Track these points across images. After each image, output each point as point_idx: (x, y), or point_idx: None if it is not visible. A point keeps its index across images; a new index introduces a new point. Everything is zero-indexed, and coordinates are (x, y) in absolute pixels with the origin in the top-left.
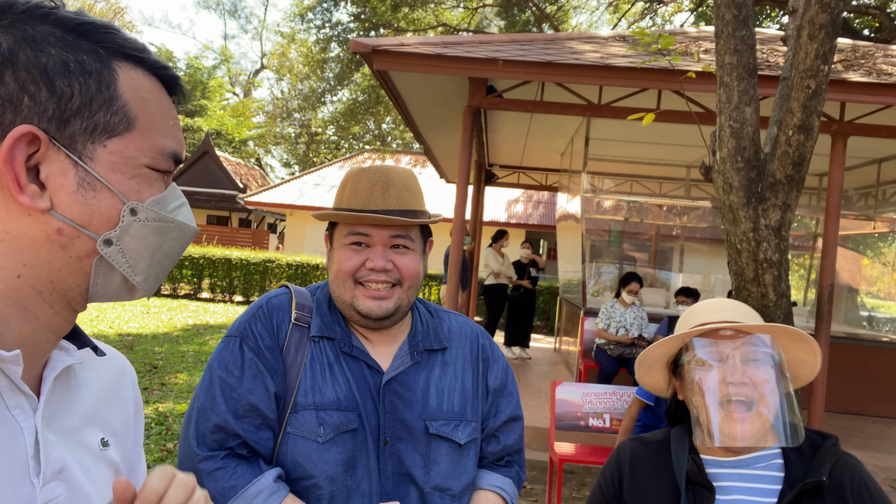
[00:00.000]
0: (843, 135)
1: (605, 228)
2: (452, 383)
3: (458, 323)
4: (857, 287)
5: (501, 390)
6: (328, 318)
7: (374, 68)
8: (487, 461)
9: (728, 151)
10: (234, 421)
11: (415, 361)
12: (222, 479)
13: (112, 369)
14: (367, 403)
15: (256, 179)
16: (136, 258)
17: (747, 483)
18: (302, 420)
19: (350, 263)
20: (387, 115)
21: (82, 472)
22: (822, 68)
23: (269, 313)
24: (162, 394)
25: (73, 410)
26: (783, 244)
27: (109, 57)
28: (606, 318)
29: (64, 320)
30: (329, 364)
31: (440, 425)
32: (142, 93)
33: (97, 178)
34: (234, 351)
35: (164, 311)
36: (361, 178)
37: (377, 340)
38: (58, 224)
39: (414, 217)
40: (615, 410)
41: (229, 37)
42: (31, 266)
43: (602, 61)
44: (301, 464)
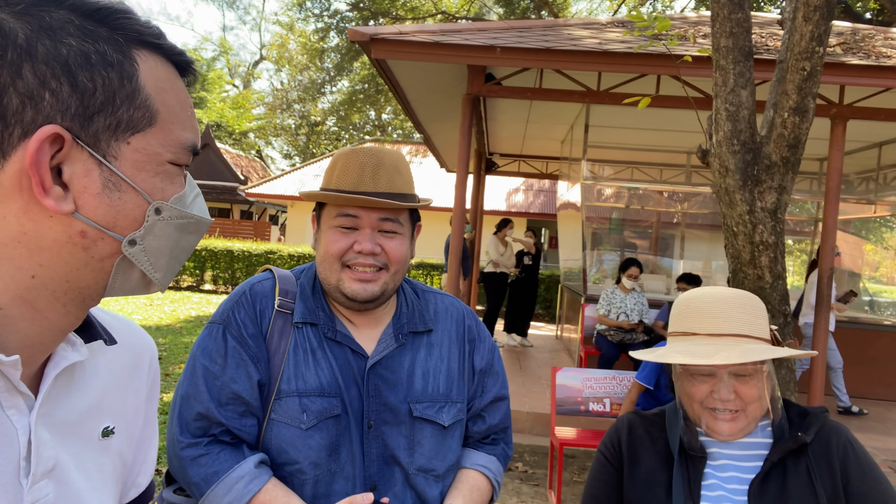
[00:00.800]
0: (843, 118)
1: (606, 216)
2: (438, 365)
3: (444, 304)
4: (859, 271)
5: (487, 370)
6: (311, 303)
7: (373, 57)
8: (473, 440)
9: (724, 134)
10: (217, 409)
11: (399, 344)
12: (205, 465)
13: (129, 353)
14: (351, 388)
15: (257, 171)
16: (157, 256)
17: (737, 450)
18: (285, 407)
19: (337, 246)
20: (387, 104)
21: (77, 466)
22: (817, 50)
23: (253, 300)
24: (166, 384)
25: (72, 405)
26: (779, 226)
27: (129, 45)
28: (607, 304)
29: (75, 318)
30: (312, 350)
31: (424, 408)
32: (161, 83)
33: (122, 178)
34: (217, 339)
35: (168, 303)
36: (351, 158)
37: (361, 324)
38: (81, 226)
39: (403, 200)
40: (615, 395)
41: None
42: (48, 266)
43: (600, 47)
44: (285, 450)
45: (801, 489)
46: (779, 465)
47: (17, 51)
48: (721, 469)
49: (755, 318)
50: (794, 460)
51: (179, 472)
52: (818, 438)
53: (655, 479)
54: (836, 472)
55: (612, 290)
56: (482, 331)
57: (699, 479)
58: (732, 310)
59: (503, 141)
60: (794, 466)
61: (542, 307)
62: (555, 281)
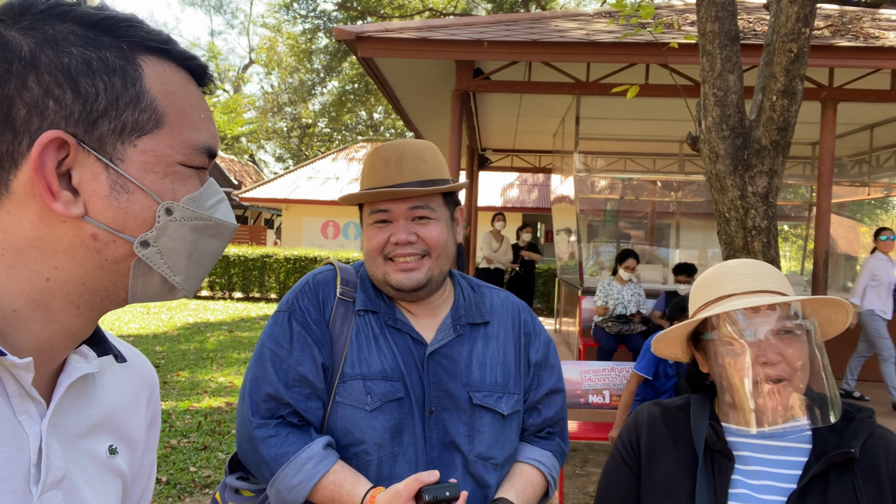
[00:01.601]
0: (833, 101)
1: (600, 208)
2: (495, 357)
3: (499, 298)
4: (856, 254)
5: (543, 363)
6: (372, 293)
7: (359, 56)
8: (528, 433)
9: (713, 120)
10: (285, 390)
11: (458, 334)
12: (275, 445)
13: (136, 376)
14: (413, 374)
15: (251, 175)
16: (175, 258)
17: (771, 455)
18: (350, 389)
19: (376, 241)
20: (378, 104)
21: (84, 481)
22: (803, 31)
23: (315, 289)
24: (164, 392)
25: (82, 417)
26: (771, 210)
27: (134, 52)
28: (604, 295)
29: (88, 321)
30: (374, 336)
31: (483, 396)
32: (169, 86)
33: (129, 180)
34: (283, 325)
35: (164, 310)
36: (375, 156)
37: (420, 314)
38: (92, 229)
39: (432, 185)
40: (614, 386)
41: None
42: (63, 269)
43: (588, 38)
44: (350, 431)
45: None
46: (820, 479)
47: (22, 63)
48: (753, 476)
49: (785, 281)
50: (838, 474)
51: (251, 451)
52: (865, 449)
53: (676, 485)
54: (885, 490)
55: (609, 282)
56: (537, 325)
57: (726, 487)
58: (766, 270)
59: (495, 136)
60: (838, 481)
61: (541, 301)
62: (552, 274)
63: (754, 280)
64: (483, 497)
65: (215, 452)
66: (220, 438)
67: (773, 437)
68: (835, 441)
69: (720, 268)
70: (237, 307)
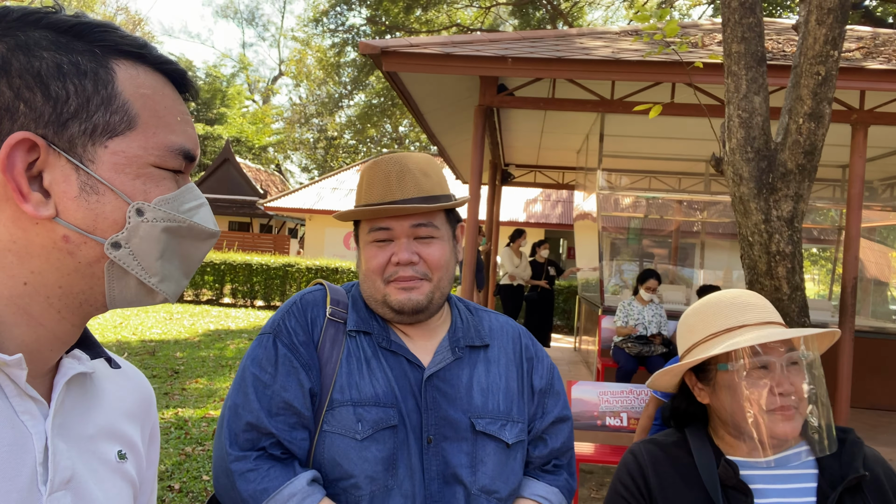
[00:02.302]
0: (864, 124)
1: (623, 226)
2: (497, 382)
3: (498, 322)
4: (887, 280)
5: (548, 390)
6: (364, 313)
7: (384, 70)
8: (534, 466)
9: (737, 142)
10: (268, 419)
11: (457, 357)
12: (254, 480)
13: (134, 387)
14: (408, 400)
15: (276, 185)
16: (148, 260)
17: (783, 484)
18: (339, 417)
19: (376, 261)
20: (403, 117)
21: (95, 483)
22: (831, 54)
23: (304, 309)
24: (182, 398)
25: (88, 419)
26: (796, 235)
27: (106, 56)
28: (624, 315)
29: (71, 325)
30: (366, 359)
31: (486, 423)
32: (143, 89)
33: (99, 181)
34: (268, 347)
35: (187, 316)
36: (376, 169)
37: (416, 336)
38: (64, 231)
39: (435, 202)
40: (632, 409)
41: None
42: (39, 272)
43: (612, 56)
44: (339, 463)
45: None
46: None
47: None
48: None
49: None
50: (850, 496)
51: (227, 487)
52: (867, 468)
53: None
54: None
55: (630, 302)
56: (539, 350)
57: None
58: (766, 303)
59: (518, 151)
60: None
61: (561, 318)
62: (573, 292)
63: (758, 312)
64: None
65: None
66: None
67: (781, 467)
68: (836, 463)
69: (721, 297)
70: (258, 315)
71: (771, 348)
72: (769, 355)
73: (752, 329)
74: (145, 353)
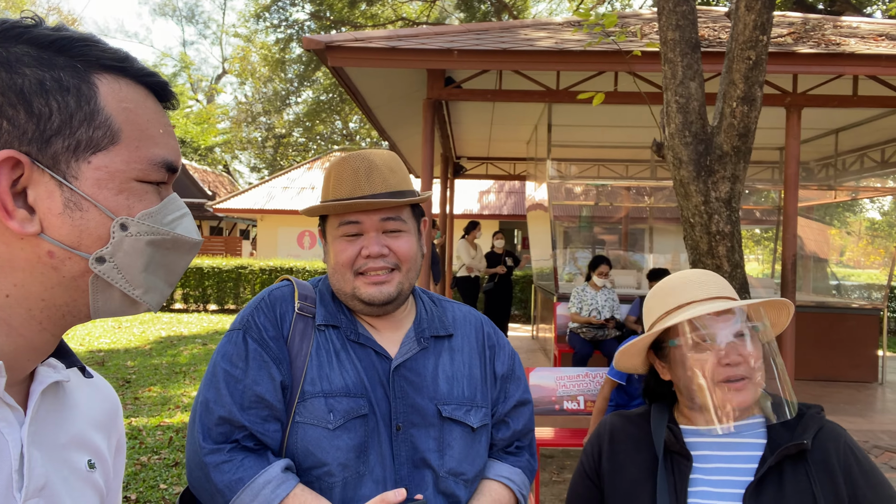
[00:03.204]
0: (797, 107)
1: (575, 214)
2: (461, 370)
3: (461, 312)
4: (826, 257)
5: (509, 376)
6: (332, 307)
7: (329, 65)
8: (497, 448)
9: (676, 127)
10: (240, 412)
11: (422, 347)
12: (229, 471)
13: (103, 398)
14: (377, 389)
15: (225, 186)
16: (133, 273)
17: (727, 451)
18: (311, 408)
19: (346, 255)
20: (353, 113)
21: (66, 491)
22: (761, 39)
23: (272, 304)
24: (135, 408)
25: (61, 429)
26: (734, 215)
27: (88, 70)
28: (578, 301)
29: (51, 335)
30: (336, 352)
31: (452, 409)
32: (125, 103)
33: (83, 197)
34: (238, 343)
35: (136, 324)
36: (344, 166)
37: (383, 328)
38: (48, 246)
39: (402, 197)
40: (588, 392)
41: (188, 43)
42: (22, 286)
43: (556, 47)
44: (312, 452)
45: (800, 497)
46: (775, 470)
47: None
48: (711, 472)
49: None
50: (792, 466)
51: (202, 479)
52: (817, 442)
53: (639, 487)
54: (838, 481)
55: (583, 288)
56: (501, 337)
57: (685, 485)
58: (715, 279)
59: (469, 144)
60: (793, 472)
61: (518, 307)
62: (529, 281)
63: (707, 287)
64: None
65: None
66: None
67: (730, 435)
68: (788, 436)
69: (674, 278)
70: (212, 319)
71: (716, 321)
72: (712, 328)
73: (699, 304)
74: (94, 364)
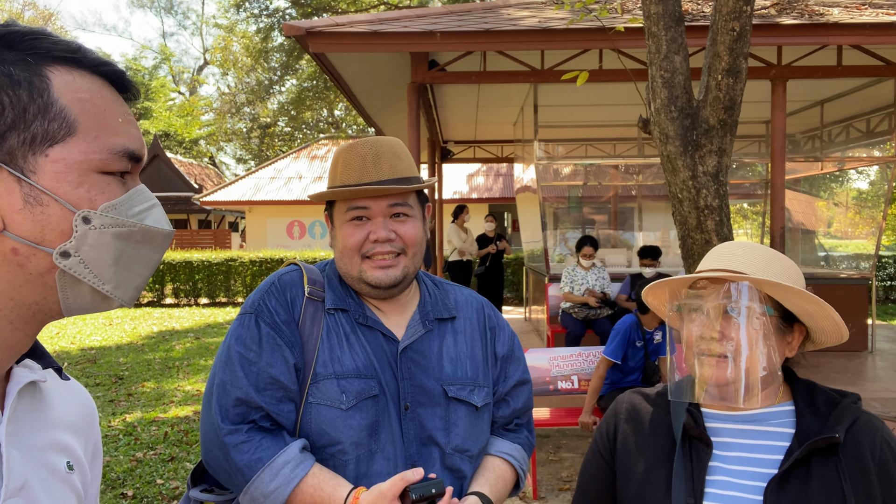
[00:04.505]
0: (782, 79)
1: (563, 195)
2: (464, 351)
3: (462, 294)
4: (814, 228)
5: (509, 356)
6: (340, 291)
7: (311, 51)
8: (497, 426)
9: (661, 102)
10: (256, 394)
11: (427, 330)
12: (248, 451)
13: (79, 401)
14: (386, 371)
15: (212, 178)
16: (100, 267)
17: (751, 440)
18: (323, 389)
19: (354, 239)
20: (338, 100)
21: (45, 493)
22: (744, 9)
23: (283, 289)
24: (129, 404)
25: (38, 430)
26: (722, 189)
27: (40, 63)
28: (569, 281)
29: (24, 335)
30: (346, 335)
31: (457, 389)
32: (80, 94)
33: (42, 191)
34: (251, 327)
35: (128, 320)
36: (352, 152)
37: (389, 311)
38: (12, 244)
39: (408, 183)
40: (582, 371)
41: (168, 34)
42: None
43: (540, 26)
44: (326, 431)
45: (828, 495)
46: (802, 464)
47: None
48: (733, 461)
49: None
50: (821, 460)
51: (221, 459)
52: (850, 435)
53: (654, 473)
54: (871, 479)
55: (573, 268)
56: (501, 319)
57: (703, 473)
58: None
59: (456, 128)
60: (821, 466)
61: (510, 290)
62: (520, 263)
63: (726, 259)
64: (459, 488)
65: (183, 463)
66: (187, 448)
67: (753, 422)
68: (818, 426)
69: (718, 246)
70: (203, 313)
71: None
72: (703, 300)
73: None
74: (86, 362)
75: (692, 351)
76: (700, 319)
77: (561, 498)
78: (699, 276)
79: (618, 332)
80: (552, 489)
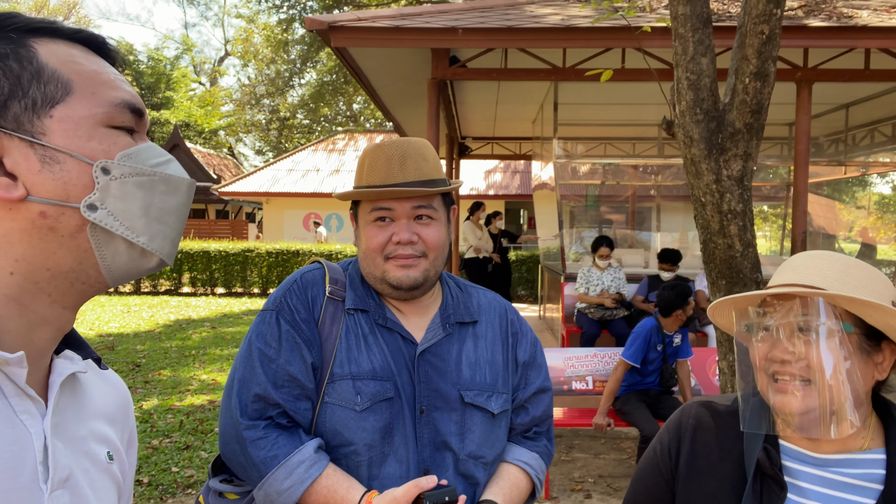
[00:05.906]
0: (808, 81)
1: (581, 193)
2: (484, 356)
3: (486, 298)
4: (834, 233)
5: (530, 363)
6: (361, 291)
7: (333, 46)
8: (516, 433)
9: (687, 104)
10: (274, 391)
11: (447, 333)
12: (264, 448)
13: (115, 391)
14: (403, 373)
15: (230, 169)
16: (130, 218)
17: (830, 489)
18: (339, 389)
19: (377, 240)
20: (357, 94)
21: (87, 483)
22: (774, 12)
23: (304, 287)
24: (146, 391)
25: (80, 420)
26: (746, 194)
27: (21, 36)
28: (585, 281)
29: (62, 308)
30: (364, 336)
31: (474, 395)
32: (66, 57)
33: (56, 150)
34: (272, 324)
35: (146, 308)
36: (378, 153)
37: (410, 312)
38: (38, 207)
39: (433, 186)
40: (597, 372)
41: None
42: (23, 259)
43: (563, 24)
44: (340, 431)
45: None
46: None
47: None
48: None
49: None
50: None
51: (238, 453)
52: None
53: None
54: None
55: (589, 269)
56: (524, 325)
57: None
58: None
59: (474, 124)
60: None
61: (525, 288)
62: (536, 261)
63: (798, 273)
64: (472, 495)
65: (198, 451)
66: (202, 437)
67: (835, 468)
68: None
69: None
70: (219, 303)
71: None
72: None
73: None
74: (104, 348)
75: (763, 373)
76: (769, 339)
77: (573, 498)
78: (766, 293)
79: (638, 334)
80: (564, 489)
